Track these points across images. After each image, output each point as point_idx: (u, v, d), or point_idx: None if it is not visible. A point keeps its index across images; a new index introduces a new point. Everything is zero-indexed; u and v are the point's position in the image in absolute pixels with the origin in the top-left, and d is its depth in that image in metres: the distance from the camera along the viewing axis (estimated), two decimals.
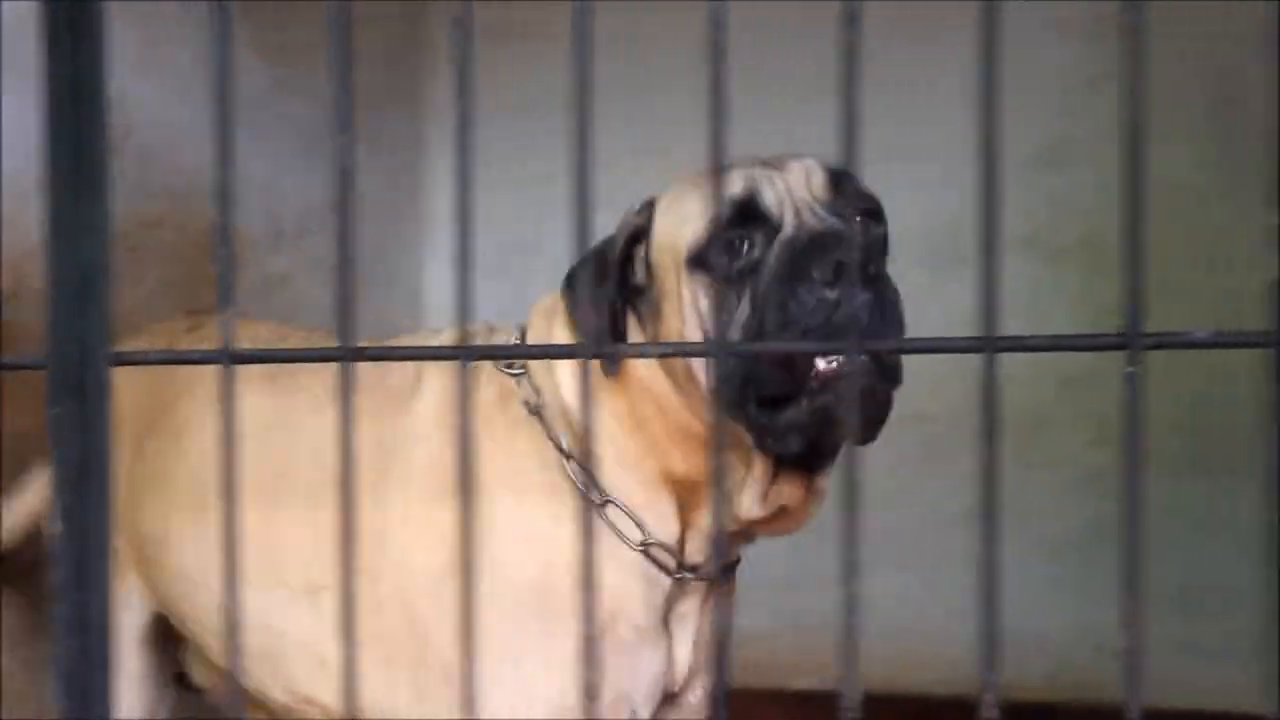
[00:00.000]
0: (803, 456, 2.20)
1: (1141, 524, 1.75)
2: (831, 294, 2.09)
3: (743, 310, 2.16)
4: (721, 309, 2.18)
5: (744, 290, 2.17)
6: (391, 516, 2.38)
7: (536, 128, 4.00)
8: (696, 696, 2.44)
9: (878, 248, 2.22)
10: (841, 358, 2.08)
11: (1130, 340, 1.76)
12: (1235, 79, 3.72)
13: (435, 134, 4.55)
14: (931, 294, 3.53)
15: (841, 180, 2.23)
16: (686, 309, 2.21)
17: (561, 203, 4.19)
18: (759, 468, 2.25)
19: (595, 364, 2.28)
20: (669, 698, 2.41)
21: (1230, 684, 3.76)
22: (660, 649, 2.36)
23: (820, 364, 2.09)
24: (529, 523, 2.29)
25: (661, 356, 2.25)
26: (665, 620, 2.38)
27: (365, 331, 3.68)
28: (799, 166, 2.24)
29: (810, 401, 2.10)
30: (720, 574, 2.41)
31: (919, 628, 4.05)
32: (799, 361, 2.10)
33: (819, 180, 2.22)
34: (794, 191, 2.22)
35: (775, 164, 2.25)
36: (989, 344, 1.83)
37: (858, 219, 2.23)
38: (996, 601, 1.49)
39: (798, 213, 2.20)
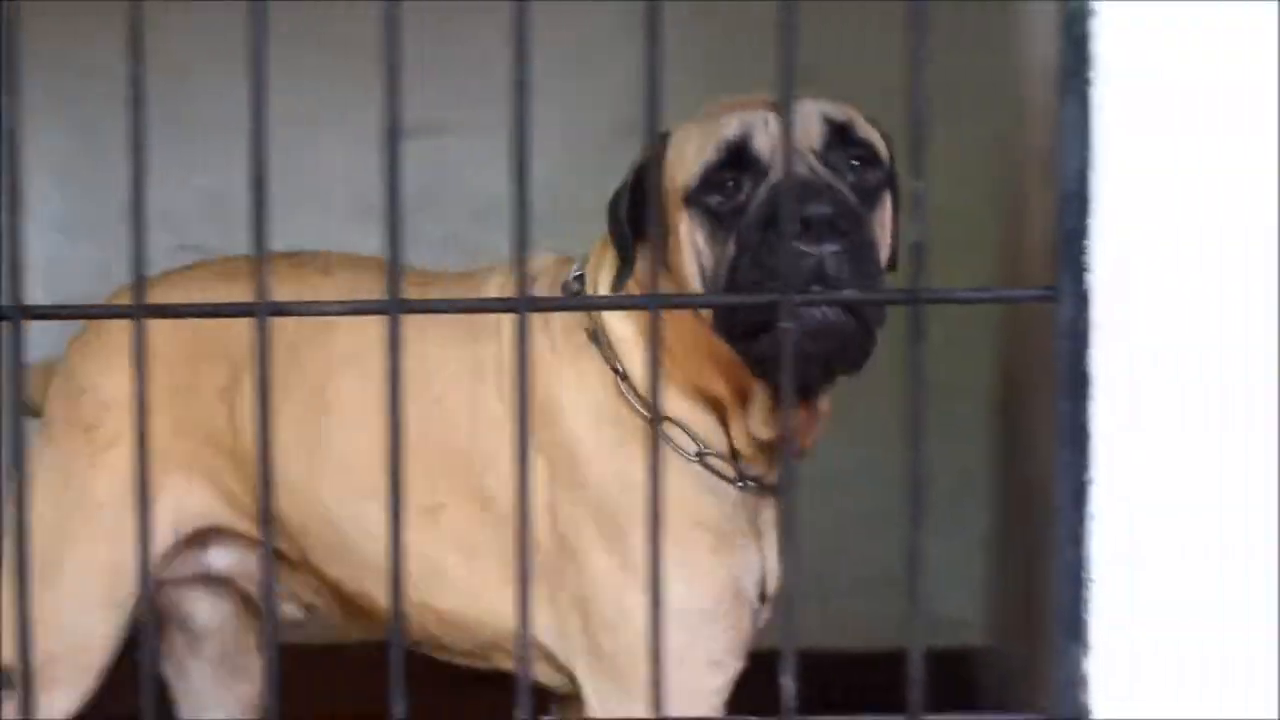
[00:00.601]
0: (801, 382, 2.34)
1: (793, 474, 1.95)
2: (800, 245, 2.22)
3: (729, 250, 2.27)
4: (714, 248, 2.32)
5: (732, 231, 2.31)
6: (490, 439, 2.51)
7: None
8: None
9: (870, 196, 2.36)
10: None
11: (784, 298, 1.95)
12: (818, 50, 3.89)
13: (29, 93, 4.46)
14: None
15: (841, 126, 2.35)
16: (684, 244, 2.34)
17: (175, 163, 4.17)
18: (760, 393, 2.40)
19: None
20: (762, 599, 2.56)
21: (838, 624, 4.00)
22: (752, 550, 2.51)
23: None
24: (600, 442, 2.37)
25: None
26: (753, 527, 2.52)
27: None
28: (800, 109, 2.35)
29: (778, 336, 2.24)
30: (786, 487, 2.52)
31: None
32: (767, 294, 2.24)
33: (816, 127, 2.34)
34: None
35: (774, 101, 2.36)
36: (653, 300, 2.01)
37: (852, 165, 2.35)
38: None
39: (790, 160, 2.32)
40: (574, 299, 2.50)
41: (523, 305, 1.87)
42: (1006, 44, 3.13)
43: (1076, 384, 1.88)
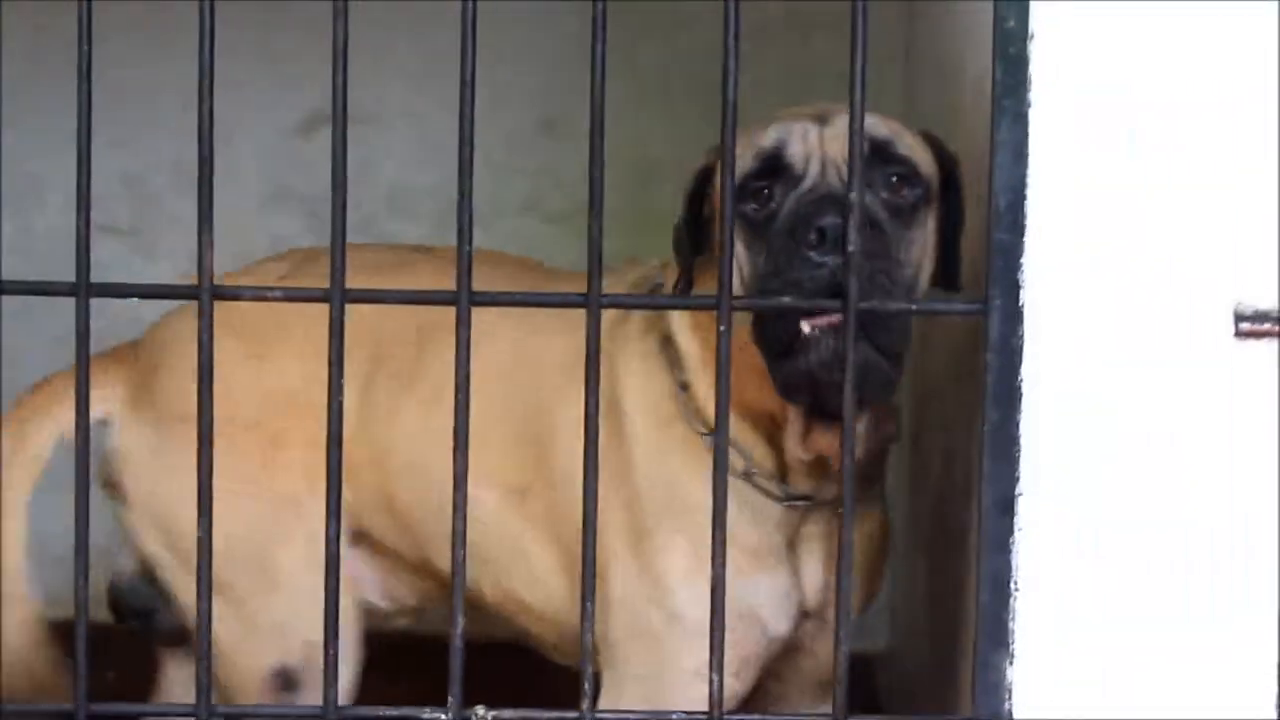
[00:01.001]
0: (824, 408, 2.31)
1: (723, 471, 1.98)
2: (814, 255, 2.21)
3: (761, 259, 2.28)
4: (734, 256, 2.16)
5: (766, 239, 2.30)
6: (564, 424, 2.49)
7: (45, 59, 3.92)
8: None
9: (904, 212, 2.31)
10: (820, 324, 2.20)
11: (721, 302, 1.99)
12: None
13: None
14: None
15: (881, 143, 2.31)
16: (738, 254, 2.30)
17: (72, 137, 4.09)
18: (794, 415, 2.38)
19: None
20: (805, 615, 2.51)
21: None
22: (782, 572, 2.47)
23: (805, 327, 2.22)
24: (649, 445, 2.42)
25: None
26: (792, 545, 2.48)
27: None
28: (843, 122, 2.28)
29: (803, 359, 2.23)
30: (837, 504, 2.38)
31: None
32: (787, 320, 2.23)
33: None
34: (826, 147, 2.33)
35: (824, 117, 2.35)
36: (595, 301, 2.04)
37: (890, 182, 2.31)
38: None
39: (823, 170, 2.31)
40: (512, 294, 2.48)
41: (464, 299, 1.89)
42: (937, 50, 3.18)
43: (1006, 396, 1.92)
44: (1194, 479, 1.93)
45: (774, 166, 2.34)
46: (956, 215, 2.40)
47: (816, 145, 2.34)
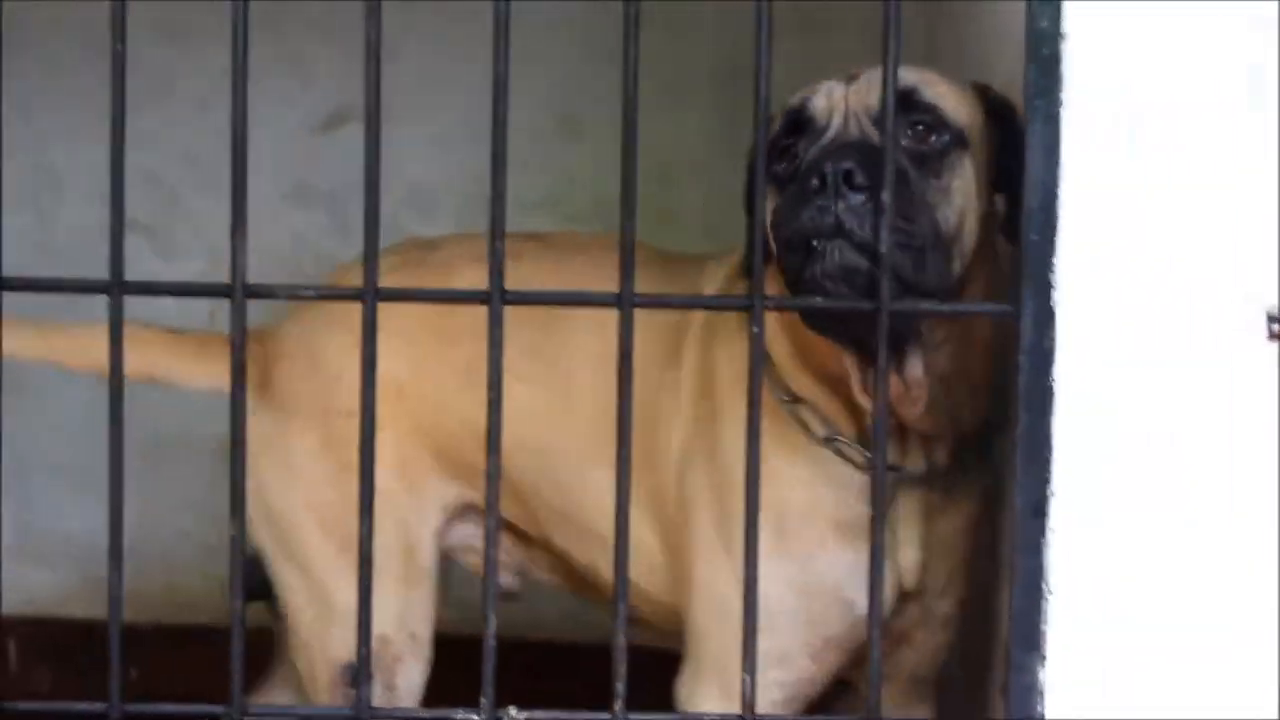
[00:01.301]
0: (863, 345, 2.27)
1: (755, 463, 1.98)
2: (820, 201, 2.20)
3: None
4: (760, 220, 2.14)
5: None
6: (664, 408, 2.53)
7: (65, 53, 3.92)
8: (942, 608, 2.52)
9: (928, 159, 2.31)
10: (826, 248, 2.20)
11: (754, 302, 1.98)
12: (739, 50, 3.89)
13: None
14: None
15: (905, 92, 2.28)
16: (770, 216, 2.31)
17: (91, 131, 4.08)
18: (850, 361, 2.35)
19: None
20: (905, 597, 2.46)
21: None
22: (868, 546, 2.39)
23: (813, 243, 2.21)
24: (738, 417, 2.36)
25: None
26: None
27: None
28: (870, 76, 2.31)
29: (813, 275, 2.21)
30: (932, 479, 2.45)
31: None
32: (797, 250, 2.23)
33: (879, 91, 2.17)
34: (850, 101, 2.33)
35: (854, 75, 2.35)
36: (627, 300, 2.04)
37: (916, 129, 2.31)
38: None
39: (845, 122, 2.32)
40: (543, 293, 2.45)
41: (496, 298, 1.89)
42: (963, 53, 3.18)
43: (1038, 398, 1.92)
44: (1218, 480, 1.94)
45: (798, 121, 2.35)
46: (1013, 164, 2.28)
47: (841, 100, 2.34)
